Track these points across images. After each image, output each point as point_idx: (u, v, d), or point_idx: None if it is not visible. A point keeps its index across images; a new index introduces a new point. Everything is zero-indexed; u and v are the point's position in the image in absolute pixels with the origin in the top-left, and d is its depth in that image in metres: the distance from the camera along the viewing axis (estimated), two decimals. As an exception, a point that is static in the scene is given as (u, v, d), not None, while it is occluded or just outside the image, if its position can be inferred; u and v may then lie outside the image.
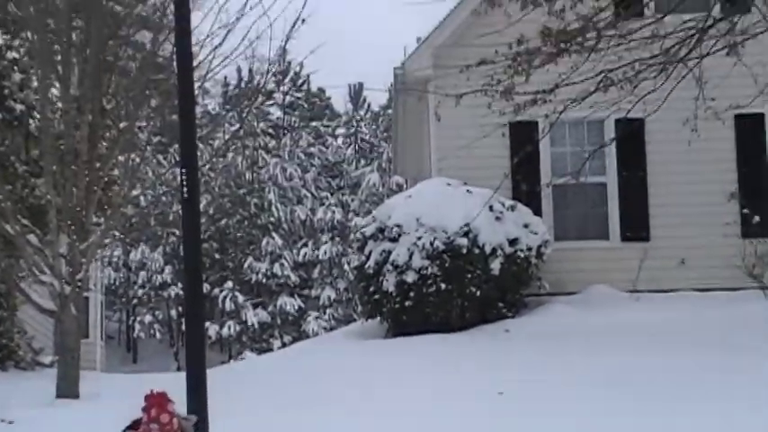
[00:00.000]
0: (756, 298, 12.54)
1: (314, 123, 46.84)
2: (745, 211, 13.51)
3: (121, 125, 12.68)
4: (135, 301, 41.41)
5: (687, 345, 10.32)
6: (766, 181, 13.79)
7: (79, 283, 11.74)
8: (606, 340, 10.73)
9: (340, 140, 47.34)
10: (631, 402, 8.43)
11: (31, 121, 13.91)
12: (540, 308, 12.86)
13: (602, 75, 9.83)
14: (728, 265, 13.08)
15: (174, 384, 5.89)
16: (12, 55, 14.16)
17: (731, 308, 11.84)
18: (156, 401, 5.62)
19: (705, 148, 13.21)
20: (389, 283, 12.48)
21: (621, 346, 10.42)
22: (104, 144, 12.55)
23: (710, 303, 12.27)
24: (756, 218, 13.40)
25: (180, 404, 5.83)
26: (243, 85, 37.79)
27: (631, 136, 13.16)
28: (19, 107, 13.96)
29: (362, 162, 44.52)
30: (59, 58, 12.09)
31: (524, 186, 13.65)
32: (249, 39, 12.40)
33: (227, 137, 29.85)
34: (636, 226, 13.86)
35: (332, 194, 42.76)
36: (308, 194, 41.65)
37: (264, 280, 38.48)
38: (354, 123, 46.69)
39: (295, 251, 39.46)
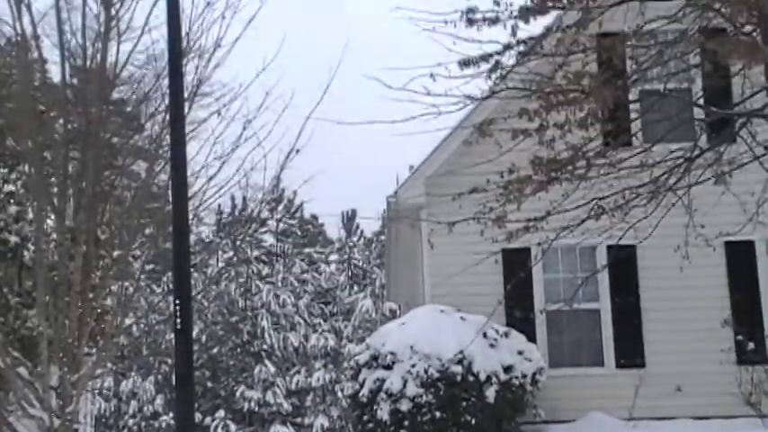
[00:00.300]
0: (754, 426, 12.40)
1: (307, 250, 46.97)
2: (740, 337, 13.48)
3: (115, 254, 12.72)
4: (125, 431, 40.70)
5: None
6: (759, 307, 13.81)
7: (69, 417, 11.57)
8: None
9: (333, 267, 47.35)
10: None
11: (25, 252, 13.97)
12: (536, 437, 12.69)
13: (594, 202, 9.96)
14: (725, 393, 12.98)
15: None
16: (8, 188, 14.34)
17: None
18: None
19: (697, 275, 13.28)
20: (383, 411, 12.33)
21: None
22: (98, 274, 12.56)
23: (707, 431, 12.11)
24: (751, 344, 13.37)
25: None
26: (237, 213, 38.09)
27: (623, 262, 13.23)
28: (14, 239, 14.05)
29: (355, 288, 44.46)
30: (55, 189, 12.22)
31: (518, 313, 13.65)
32: (244, 169, 12.59)
33: (220, 264, 29.92)
34: (631, 352, 13.80)
35: (325, 321, 42.54)
36: (301, 321, 41.44)
37: (257, 408, 37.91)
38: (347, 250, 46.84)
39: (288, 378, 39.02)
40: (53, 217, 12.32)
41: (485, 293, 12.89)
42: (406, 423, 12.22)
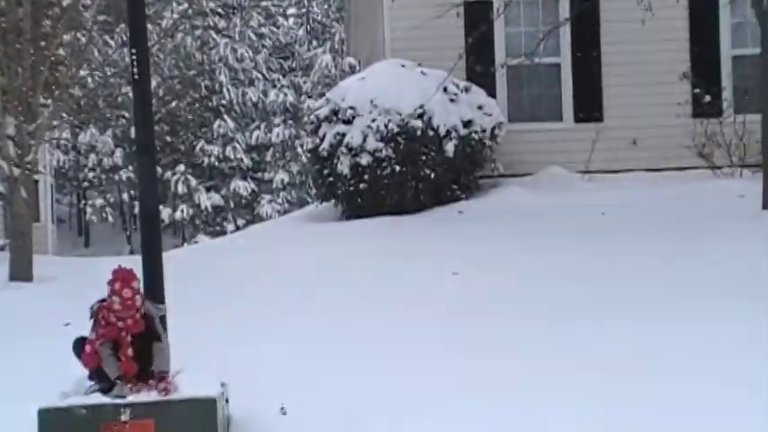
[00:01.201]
0: (706, 177, 12.75)
1: (264, 3, 45.82)
2: (697, 90, 13.57)
3: (65, 2, 12.32)
4: (86, 184, 41.08)
5: (640, 226, 10.48)
6: (718, 61, 13.83)
7: (28, 166, 11.59)
8: (560, 221, 10.86)
9: (291, 21, 46.43)
10: (588, 284, 8.58)
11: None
12: (493, 190, 12.95)
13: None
14: (679, 146, 13.23)
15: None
16: None
17: (682, 187, 12.02)
18: (122, 276, 5.67)
19: (658, 28, 13.15)
20: (344, 165, 12.44)
21: (576, 227, 10.55)
22: (48, 23, 12.19)
23: (662, 183, 12.44)
24: (707, 98, 13.46)
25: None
26: (190, -39, 36.77)
27: (585, 15, 13.06)
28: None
29: (314, 43, 43.84)
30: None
31: (479, 67, 13.54)
32: None
33: (175, 16, 29.16)
34: (589, 107, 13.88)
35: (284, 76, 42.18)
36: (260, 76, 41.08)
37: (217, 163, 38.24)
38: (306, 3, 45.78)
39: (247, 134, 39.15)
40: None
41: (446, 47, 12.74)
42: (366, 177, 12.37)
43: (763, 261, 8.51)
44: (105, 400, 5.53)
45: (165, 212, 35.31)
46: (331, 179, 12.77)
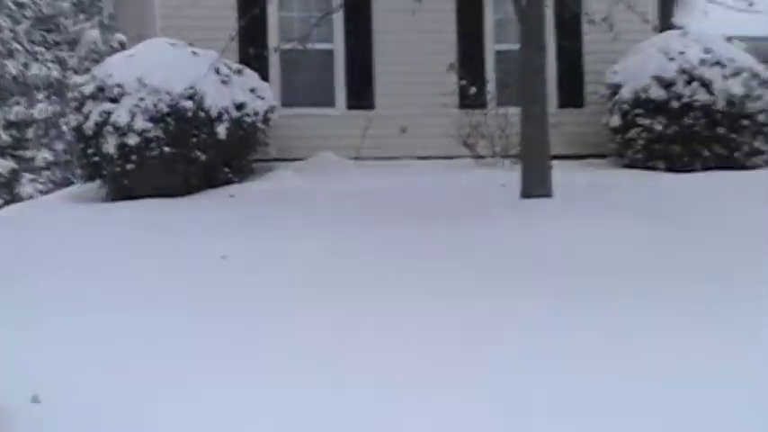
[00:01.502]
0: (471, 166, 13.25)
1: (27, -28, 43.53)
2: (463, 82, 14.06)
3: None
4: None
5: (403, 211, 10.73)
6: (482, 55, 14.38)
7: None
8: (331, 205, 10.96)
9: (57, -8, 44.35)
10: (343, 264, 8.70)
11: None
12: (266, 174, 12.94)
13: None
14: (446, 135, 13.69)
15: None
16: None
17: (448, 175, 12.43)
18: None
19: (428, 19, 13.55)
20: (110, 145, 12.04)
21: (342, 211, 10.68)
22: None
23: (429, 171, 12.82)
24: (473, 89, 13.98)
25: None
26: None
27: (359, 3, 13.25)
28: None
29: (81, 17, 42.12)
30: None
31: (251, 50, 13.46)
32: None
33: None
34: (361, 94, 14.11)
35: (48, 50, 40.29)
36: (21, 48, 39.04)
37: (-28, 139, 36.05)
38: (73, -25, 43.87)
39: (6, 109, 37.14)
40: None
41: (218, 28, 12.60)
42: (134, 157, 12.03)
43: (512, 243, 8.99)
44: None
45: None
46: (96, 159, 12.32)
